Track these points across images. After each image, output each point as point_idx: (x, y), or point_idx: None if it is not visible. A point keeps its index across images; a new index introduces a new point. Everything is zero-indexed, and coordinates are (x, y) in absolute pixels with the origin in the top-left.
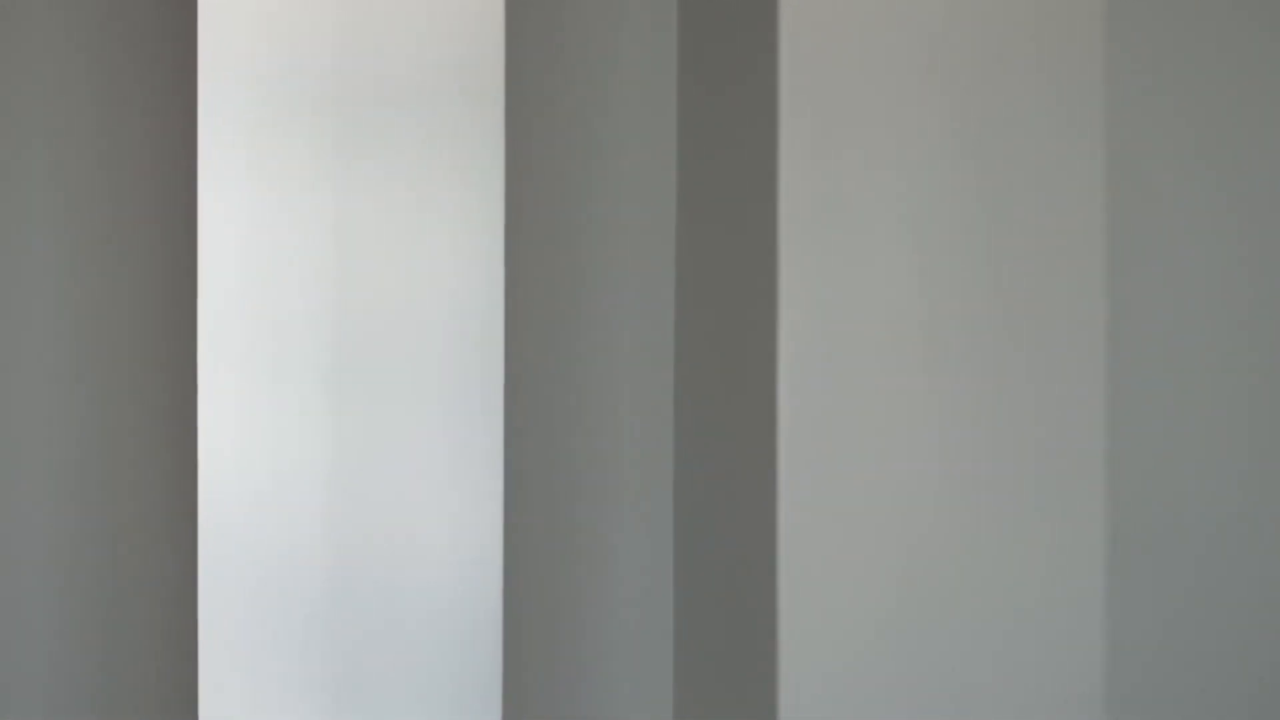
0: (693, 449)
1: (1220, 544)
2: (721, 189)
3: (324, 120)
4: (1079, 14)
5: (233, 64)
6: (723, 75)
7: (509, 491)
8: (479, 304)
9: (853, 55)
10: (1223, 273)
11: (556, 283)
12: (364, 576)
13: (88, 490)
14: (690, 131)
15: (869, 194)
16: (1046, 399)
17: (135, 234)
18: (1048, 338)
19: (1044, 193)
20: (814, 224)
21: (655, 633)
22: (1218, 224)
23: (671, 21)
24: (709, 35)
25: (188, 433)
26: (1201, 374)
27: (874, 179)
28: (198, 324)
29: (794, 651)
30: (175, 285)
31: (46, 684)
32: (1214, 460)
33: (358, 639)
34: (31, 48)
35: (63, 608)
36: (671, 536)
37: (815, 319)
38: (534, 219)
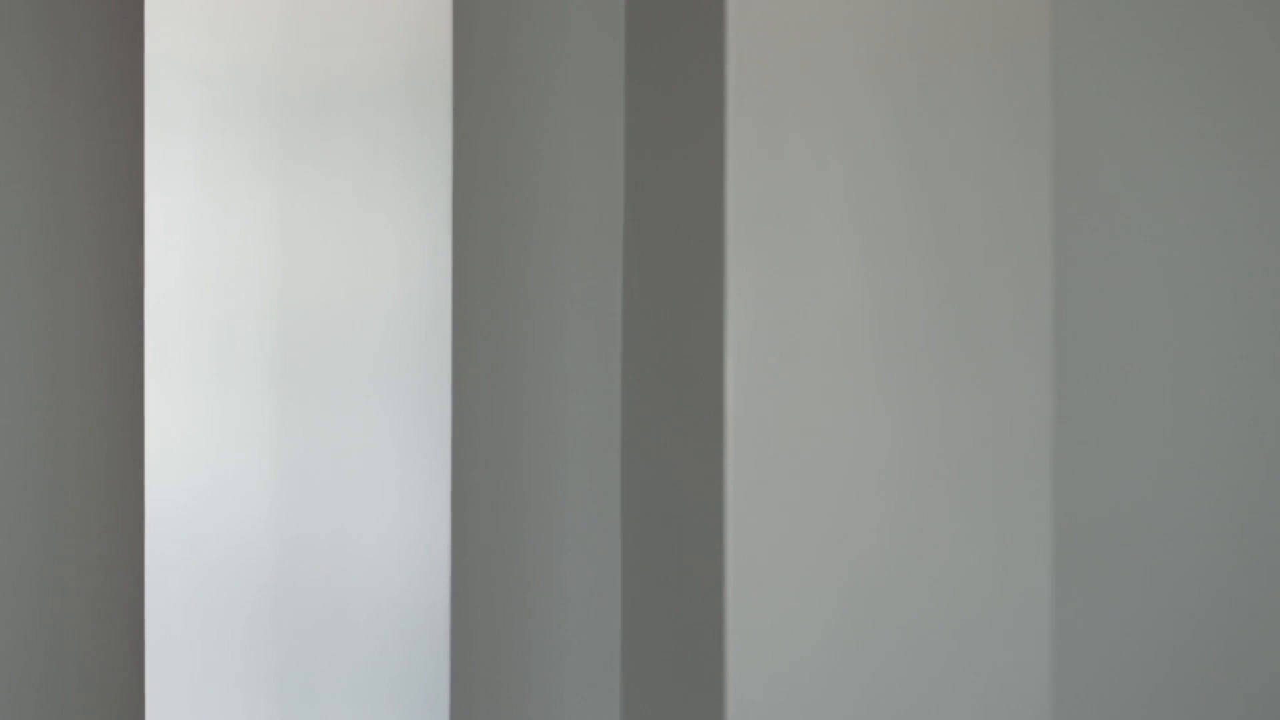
0: (640, 449)
1: (1166, 545)
2: (669, 189)
3: (270, 120)
4: (1026, 15)
5: (180, 63)
6: (670, 75)
7: (456, 490)
8: (426, 302)
9: (800, 57)
10: (1169, 273)
11: (503, 281)
12: (311, 573)
13: (34, 488)
14: (637, 132)
15: (816, 195)
16: (993, 400)
17: (81, 233)
18: (995, 339)
19: (991, 193)
20: (761, 225)
21: (602, 632)
22: (1164, 223)
23: (619, 22)
24: (656, 36)
25: (134, 430)
26: (1148, 374)
27: (821, 180)
28: (144, 321)
29: (742, 652)
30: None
31: None
32: (1160, 461)
33: (305, 635)
34: None
35: (7, 604)
36: (619, 536)
37: (762, 320)
38: (481, 219)
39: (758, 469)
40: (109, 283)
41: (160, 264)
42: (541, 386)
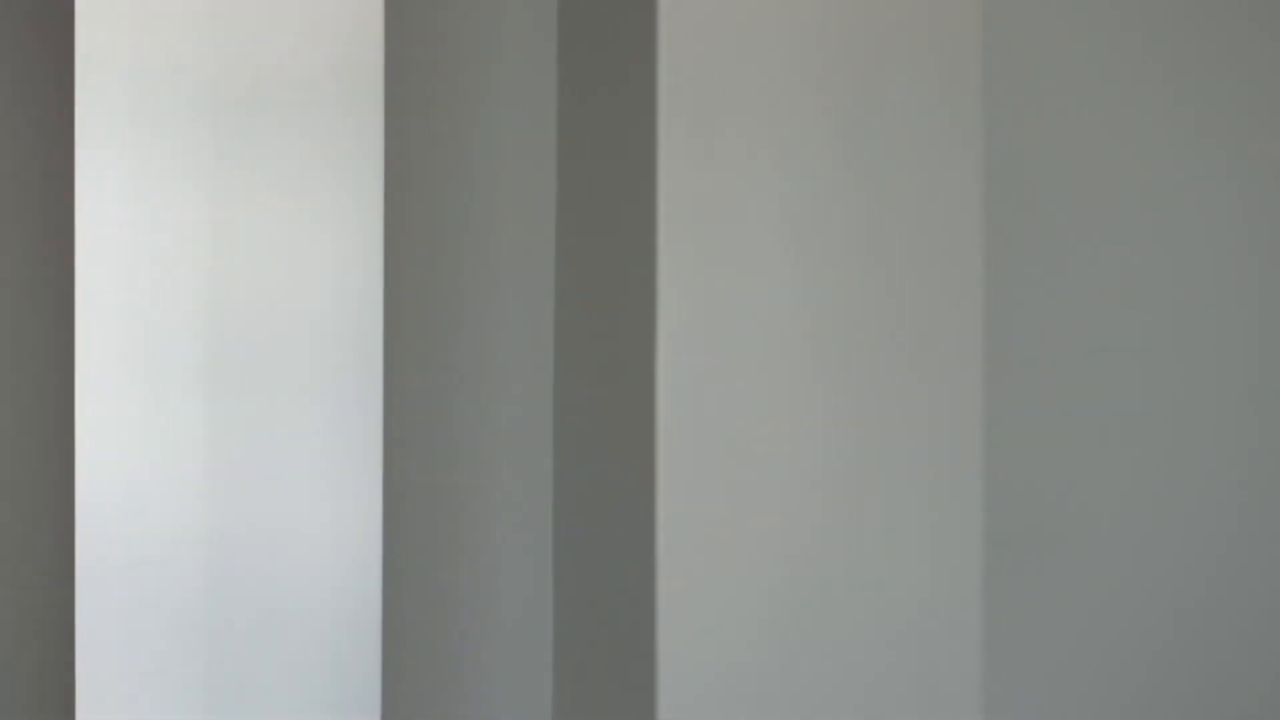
0: (572, 448)
1: (1094, 544)
2: (601, 189)
3: (202, 119)
4: (956, 17)
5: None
6: (603, 75)
7: (388, 489)
8: (357, 301)
9: (732, 57)
10: (1098, 271)
11: (435, 281)
12: (242, 572)
13: None
14: (570, 132)
15: (748, 193)
16: (925, 398)
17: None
18: (926, 337)
19: (922, 192)
20: (693, 224)
21: (535, 630)
22: (1093, 222)
23: (551, 23)
24: (589, 35)
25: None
26: (1077, 372)
27: (753, 178)
28: (75, 323)
29: (673, 653)
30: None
31: None
32: (1087, 460)
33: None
34: None
35: None
36: (550, 534)
37: (694, 319)
38: (412, 219)
39: (689, 467)
40: (41, 284)
41: (91, 263)
42: (473, 385)
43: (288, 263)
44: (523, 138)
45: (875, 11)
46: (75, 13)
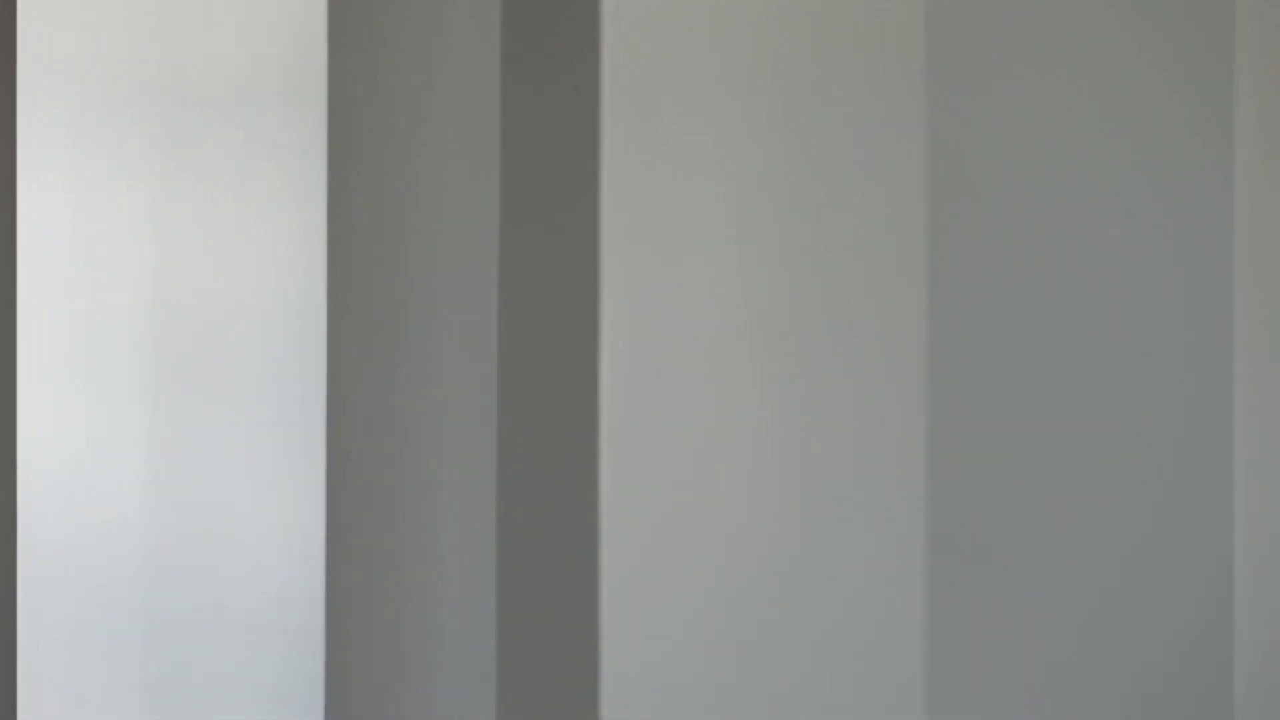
0: (516, 449)
1: (1037, 545)
2: (545, 187)
3: (145, 117)
4: (900, 15)
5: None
6: (547, 73)
7: (331, 488)
8: (300, 300)
9: (675, 54)
10: (1041, 269)
11: (379, 279)
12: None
13: None
14: (514, 130)
15: (692, 190)
16: (869, 400)
17: None
18: (870, 334)
19: (866, 190)
20: (636, 221)
21: (478, 632)
22: (1037, 220)
23: (495, 21)
24: (532, 34)
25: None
26: (1021, 371)
27: (697, 175)
28: (17, 321)
29: (616, 653)
30: None
31: None
32: (1032, 458)
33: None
34: None
35: None
36: (494, 536)
37: (638, 316)
38: (356, 218)
39: (632, 466)
40: None
41: (33, 262)
42: (417, 383)
43: (231, 260)
44: (466, 135)
45: (819, 8)
46: (17, 11)
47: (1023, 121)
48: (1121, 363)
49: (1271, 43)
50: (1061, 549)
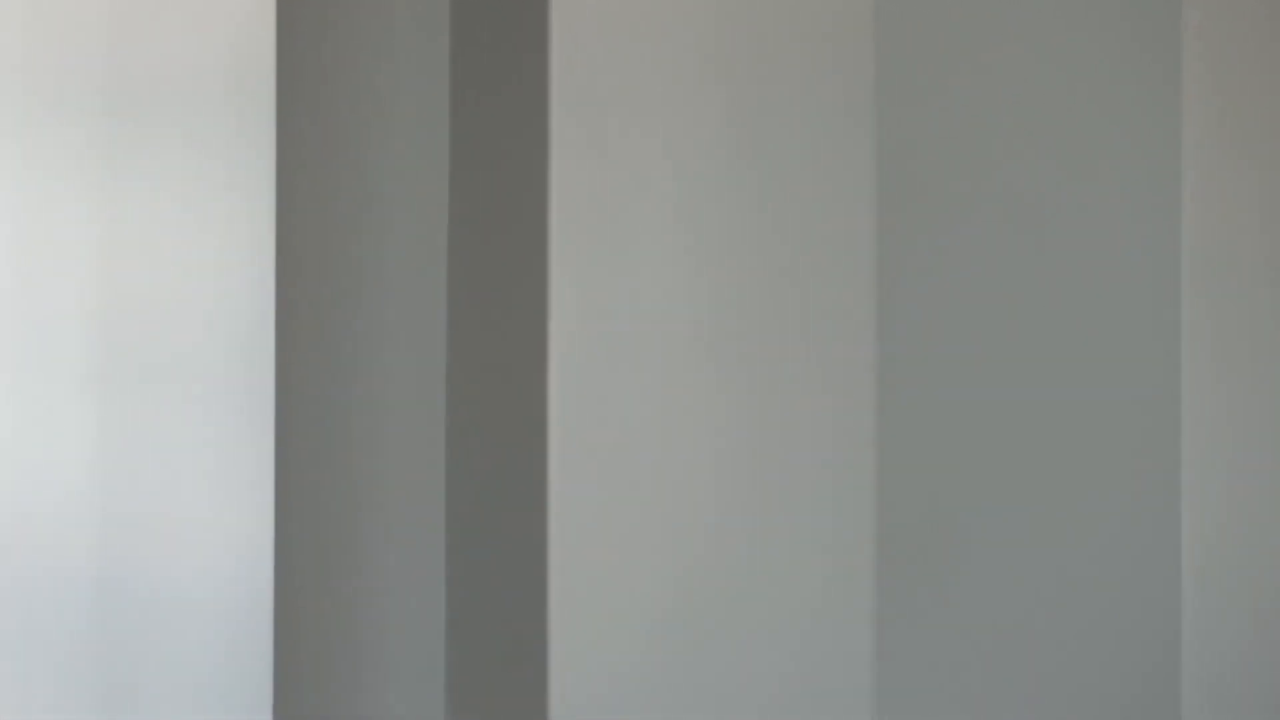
0: (464, 449)
1: (986, 546)
2: (494, 189)
3: (92, 119)
4: (849, 16)
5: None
6: (495, 75)
7: (280, 488)
8: (249, 300)
9: (624, 56)
10: (990, 271)
11: (328, 281)
12: (133, 571)
13: None
14: (462, 131)
15: (641, 192)
16: (819, 400)
17: None
18: (820, 335)
19: (816, 191)
20: (584, 222)
21: (427, 627)
22: (985, 222)
23: (443, 22)
24: (480, 35)
25: None
26: (970, 371)
27: (646, 177)
28: None
29: (564, 652)
30: None
31: None
32: (980, 459)
33: (127, 633)
34: None
35: None
36: (443, 534)
37: (586, 317)
38: (304, 219)
39: (580, 466)
40: None
41: None
42: (366, 383)
43: (179, 259)
44: (415, 135)
45: (767, 9)
46: None
47: (971, 122)
48: (1069, 366)
49: (1218, 44)
50: (1009, 548)
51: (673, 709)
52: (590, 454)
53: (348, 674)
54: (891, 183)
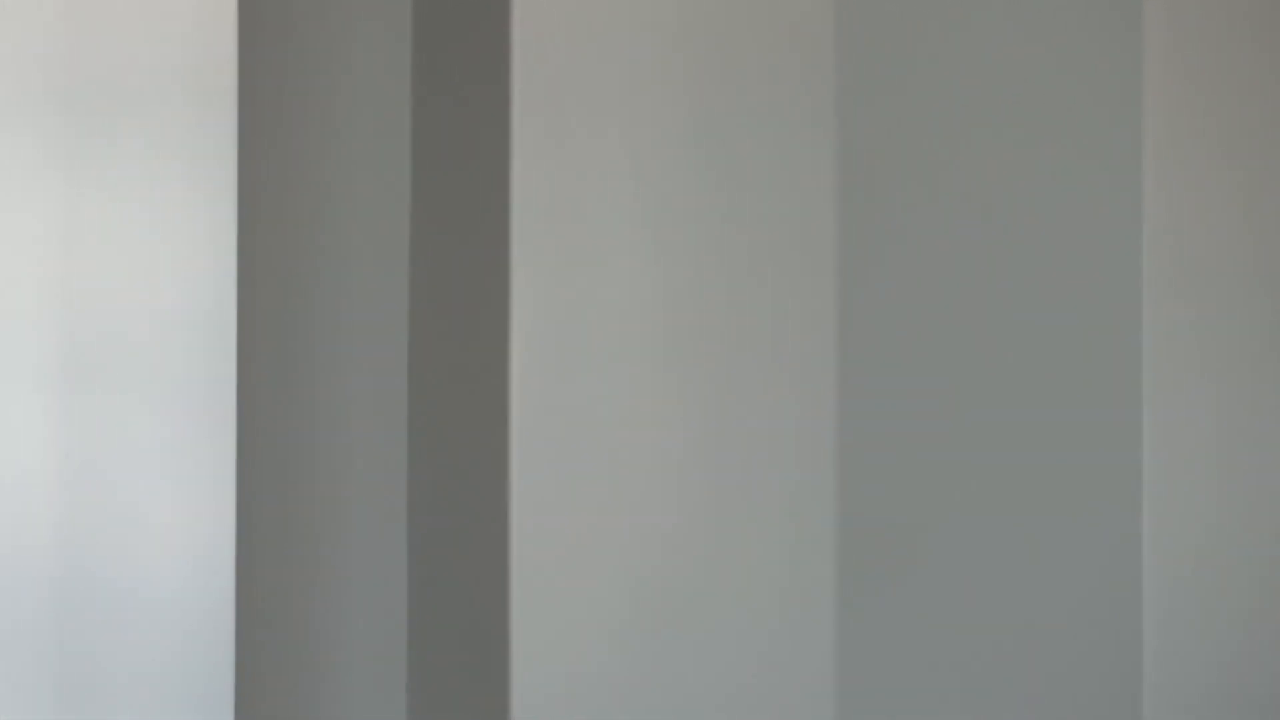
0: (426, 451)
1: (947, 548)
2: (456, 189)
3: (54, 117)
4: (810, 17)
5: None
6: (457, 76)
7: (241, 489)
8: (211, 300)
9: (585, 56)
10: (950, 270)
11: (289, 282)
12: (93, 573)
13: None
14: (424, 133)
15: (603, 192)
16: (780, 402)
17: None
18: (781, 334)
19: (777, 190)
20: (546, 222)
21: (389, 630)
22: (946, 220)
23: (406, 23)
24: (443, 36)
25: None
26: (930, 370)
27: (608, 177)
28: None
29: (526, 654)
30: None
31: None
32: (940, 457)
33: (88, 635)
34: None
35: None
36: (405, 535)
37: (548, 318)
38: (266, 218)
39: (542, 468)
40: None
41: None
42: (327, 384)
43: (140, 259)
44: (377, 135)
45: (728, 11)
46: None
47: (932, 122)
48: (1031, 367)
49: (1179, 46)
50: (970, 549)
51: (635, 712)
52: (552, 455)
53: (310, 676)
54: (852, 184)
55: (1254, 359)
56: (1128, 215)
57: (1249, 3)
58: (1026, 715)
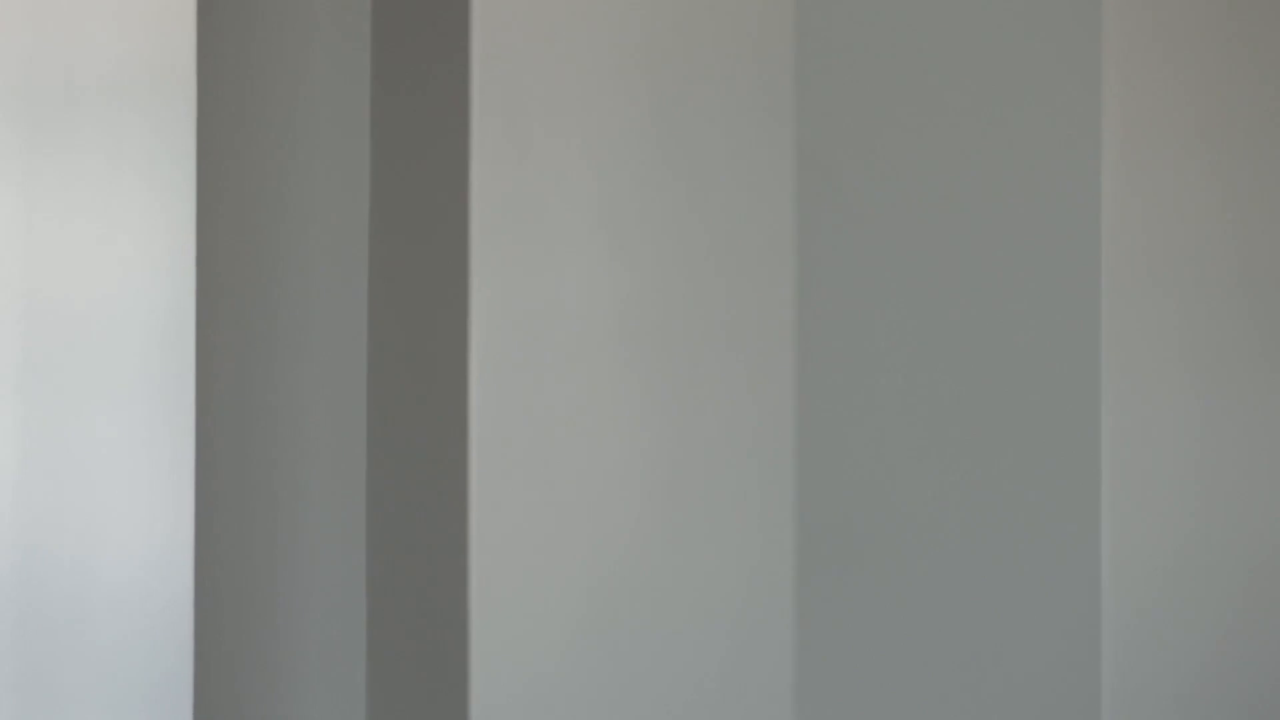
0: (385, 451)
1: (906, 549)
2: (415, 191)
3: (11, 118)
4: (770, 17)
5: None
6: (416, 78)
7: (200, 490)
8: (169, 301)
9: (545, 58)
10: (908, 273)
11: (248, 283)
12: (52, 573)
13: None
14: (383, 132)
15: (562, 194)
16: (739, 403)
17: None
18: (740, 337)
19: (736, 194)
20: (506, 224)
21: (348, 631)
22: (904, 225)
23: (365, 21)
24: (402, 36)
25: None
26: (888, 372)
27: (568, 179)
28: None
29: (485, 653)
30: None
31: None
32: (899, 458)
33: (46, 635)
34: None
35: None
36: (364, 537)
37: (507, 320)
38: (225, 220)
39: (501, 468)
40: None
41: None
42: (286, 384)
43: (99, 260)
44: (336, 136)
45: (687, 12)
46: None
47: (892, 123)
48: (989, 368)
49: (1137, 49)
50: (929, 550)
51: (593, 712)
52: (511, 455)
53: (268, 674)
54: (812, 185)
55: (1214, 359)
56: (1085, 213)
57: (1207, 1)
58: (983, 712)
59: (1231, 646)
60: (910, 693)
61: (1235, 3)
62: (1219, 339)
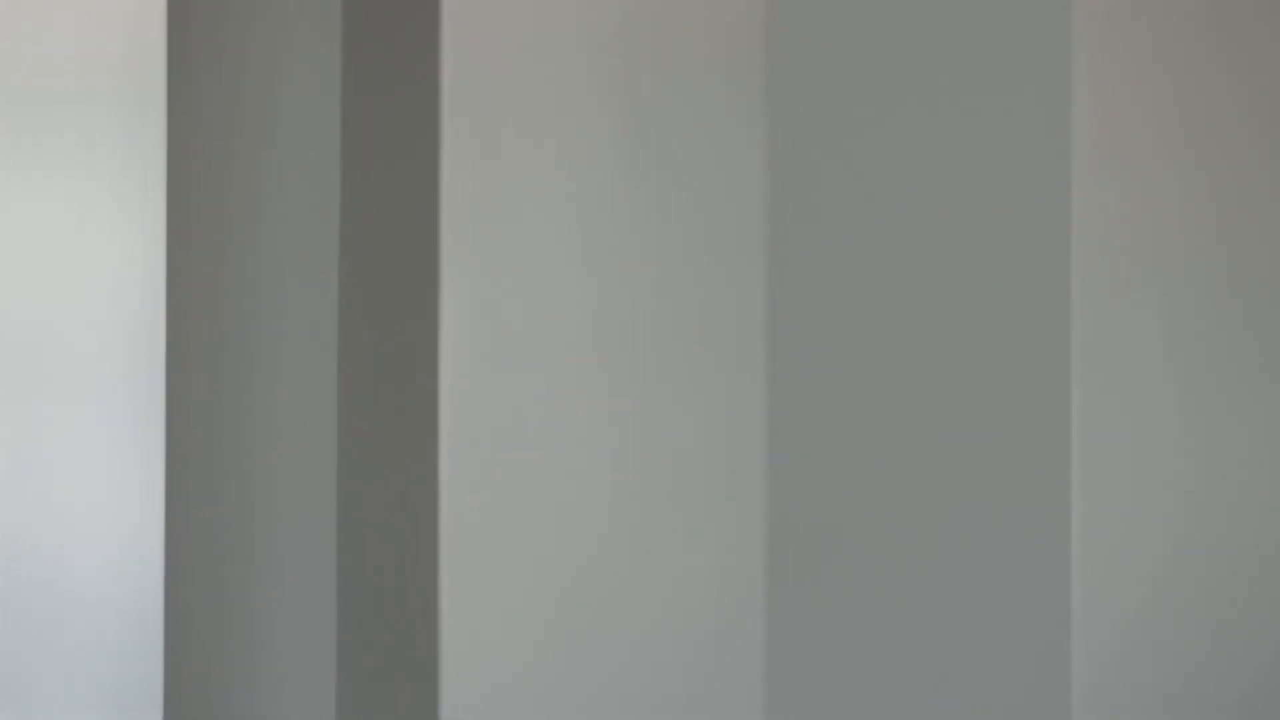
0: (356, 451)
1: (876, 548)
2: (385, 193)
3: None
4: (741, 20)
5: None
6: (387, 79)
7: (170, 490)
8: (140, 302)
9: (516, 58)
10: (878, 272)
11: (219, 283)
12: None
13: None
14: (353, 134)
15: (533, 195)
16: (709, 404)
17: None
18: (711, 337)
19: (707, 194)
20: (477, 225)
21: (318, 630)
22: (874, 222)
23: (336, 23)
24: (372, 38)
25: None
26: (858, 372)
27: (538, 180)
28: None
29: (455, 653)
30: None
31: None
32: (868, 458)
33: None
34: None
35: None
36: (334, 537)
37: (478, 321)
38: (196, 220)
39: (472, 469)
40: None
41: None
42: (256, 384)
43: (70, 261)
44: (307, 137)
45: (659, 14)
46: None
47: (862, 126)
48: (960, 367)
49: (1107, 52)
50: (899, 550)
51: (564, 710)
52: (482, 456)
53: (239, 673)
54: (783, 184)
55: (1188, 357)
56: (1057, 217)
57: (1176, 2)
58: (954, 713)
59: (1204, 641)
60: (880, 694)
61: (1201, 4)
62: (1193, 338)
